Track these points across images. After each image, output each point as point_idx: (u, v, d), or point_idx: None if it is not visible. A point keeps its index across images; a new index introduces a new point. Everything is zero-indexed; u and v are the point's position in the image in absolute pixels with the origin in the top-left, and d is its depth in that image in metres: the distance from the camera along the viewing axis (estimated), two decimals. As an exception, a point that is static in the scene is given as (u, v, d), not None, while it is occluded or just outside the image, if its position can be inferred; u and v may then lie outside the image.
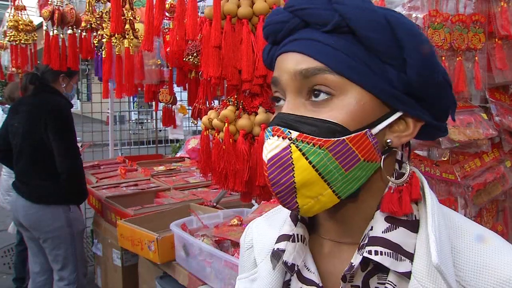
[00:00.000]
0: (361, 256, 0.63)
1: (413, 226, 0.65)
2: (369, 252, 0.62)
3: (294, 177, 0.61)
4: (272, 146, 0.63)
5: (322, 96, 0.62)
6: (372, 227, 0.65)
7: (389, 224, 0.64)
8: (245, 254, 0.86)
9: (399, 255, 0.62)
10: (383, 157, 0.65)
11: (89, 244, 4.16)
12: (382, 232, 0.64)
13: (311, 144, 0.61)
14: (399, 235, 0.64)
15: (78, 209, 3.21)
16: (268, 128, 0.65)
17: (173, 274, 2.33)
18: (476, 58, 1.60)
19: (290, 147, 0.61)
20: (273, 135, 0.63)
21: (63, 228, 2.98)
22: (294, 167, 0.61)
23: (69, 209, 3.03)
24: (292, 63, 0.64)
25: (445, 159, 1.72)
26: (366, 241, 0.64)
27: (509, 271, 0.61)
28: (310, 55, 0.62)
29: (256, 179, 1.51)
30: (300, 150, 0.61)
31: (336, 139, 0.60)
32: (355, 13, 0.61)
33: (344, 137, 0.61)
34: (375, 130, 0.63)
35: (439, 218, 0.64)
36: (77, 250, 3.11)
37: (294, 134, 0.62)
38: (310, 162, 0.61)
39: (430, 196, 0.66)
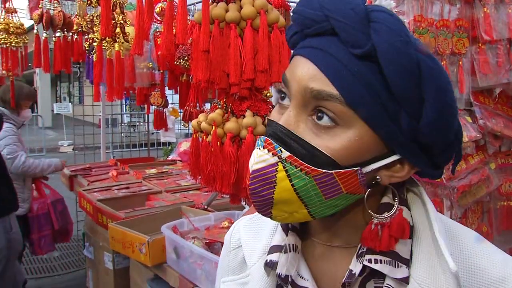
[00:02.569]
0: (361, 264, 0.64)
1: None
2: (369, 260, 0.63)
3: (273, 194, 0.61)
4: (260, 158, 0.61)
5: (325, 121, 0.59)
6: None
7: None
8: (231, 254, 0.84)
9: (397, 262, 0.63)
10: (368, 190, 0.63)
11: (81, 247, 4.15)
12: None
13: (299, 168, 0.59)
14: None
15: (18, 227, 3.07)
16: (261, 137, 0.63)
17: (164, 276, 2.32)
18: (460, 62, 1.64)
19: (277, 165, 0.60)
20: (264, 147, 0.61)
21: (3, 250, 2.82)
22: (276, 185, 0.61)
23: (11, 228, 2.89)
24: (307, 75, 0.60)
25: (431, 161, 1.74)
26: (364, 249, 0.65)
27: (499, 271, 0.63)
28: (328, 77, 0.58)
29: (243, 182, 1.53)
30: (286, 171, 0.60)
31: (324, 171, 0.59)
32: (389, 51, 0.56)
33: (333, 171, 0.59)
34: (367, 169, 0.61)
35: (440, 224, 0.64)
36: (7, 272, 2.91)
37: (285, 154, 0.60)
38: (293, 185, 0.60)
39: (429, 202, 0.66)
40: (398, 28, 0.58)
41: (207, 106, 3.30)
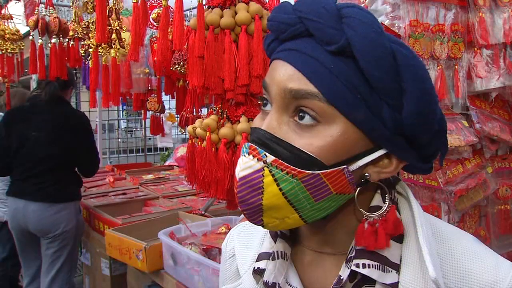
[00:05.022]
0: (349, 270, 0.63)
1: (399, 236, 0.64)
2: (357, 265, 0.62)
3: (262, 199, 0.60)
4: (246, 165, 0.61)
5: (307, 120, 0.59)
6: None
7: None
8: (227, 263, 0.84)
9: (386, 266, 0.62)
10: (358, 189, 0.63)
11: (78, 254, 4.11)
12: None
13: (285, 171, 0.58)
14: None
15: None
16: (246, 144, 0.63)
17: (162, 282, 2.31)
18: (456, 66, 1.64)
19: (263, 170, 0.59)
20: (249, 154, 0.61)
21: (74, 229, 3.10)
22: (264, 190, 0.60)
23: (80, 211, 3.18)
24: (284, 76, 0.60)
25: (428, 165, 1.74)
26: (353, 254, 0.63)
27: (490, 275, 0.62)
28: (305, 75, 0.58)
29: (237, 187, 1.52)
30: (273, 175, 0.59)
31: (311, 172, 0.58)
32: (363, 43, 0.56)
33: (319, 171, 0.58)
34: (354, 166, 0.60)
35: (427, 228, 0.63)
36: (75, 252, 3.24)
37: (270, 158, 0.59)
38: (281, 189, 0.59)
39: (416, 206, 0.65)
40: (370, 21, 0.58)
41: (204, 111, 3.30)
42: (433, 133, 0.62)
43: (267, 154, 0.60)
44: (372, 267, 0.61)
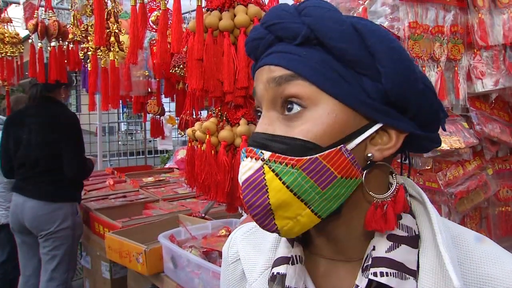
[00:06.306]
0: (367, 279, 0.61)
1: (414, 241, 0.63)
2: (375, 274, 0.60)
3: (268, 198, 0.59)
4: (245, 168, 0.61)
5: (295, 109, 0.60)
6: (374, 246, 0.63)
7: (392, 243, 0.62)
8: (230, 268, 0.82)
9: (404, 274, 0.60)
10: (364, 172, 0.62)
11: (78, 256, 4.11)
12: (386, 252, 0.62)
13: (284, 164, 0.58)
14: (402, 253, 0.62)
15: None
16: (243, 149, 0.64)
17: (162, 286, 2.31)
18: (456, 68, 1.63)
19: (263, 168, 0.60)
20: (246, 157, 0.62)
21: (69, 229, 3.11)
22: (268, 188, 0.59)
23: (77, 213, 3.18)
24: (267, 72, 0.62)
25: (428, 167, 1.73)
26: (369, 262, 0.62)
27: (510, 280, 0.60)
28: (283, 66, 0.61)
29: (237, 190, 1.51)
30: (273, 170, 0.59)
31: (308, 157, 0.58)
32: (322, 24, 0.59)
33: (316, 155, 0.58)
34: (351, 145, 0.60)
35: (446, 234, 0.62)
36: (72, 253, 3.25)
37: (267, 154, 0.60)
38: (284, 183, 0.59)
39: (433, 211, 0.64)
40: (324, 4, 0.62)
41: (204, 114, 3.30)
42: (420, 92, 0.62)
43: (263, 152, 0.60)
44: (390, 275, 0.60)
